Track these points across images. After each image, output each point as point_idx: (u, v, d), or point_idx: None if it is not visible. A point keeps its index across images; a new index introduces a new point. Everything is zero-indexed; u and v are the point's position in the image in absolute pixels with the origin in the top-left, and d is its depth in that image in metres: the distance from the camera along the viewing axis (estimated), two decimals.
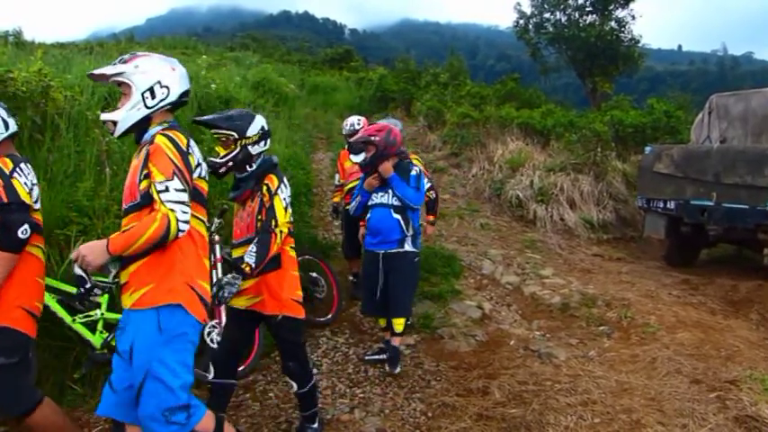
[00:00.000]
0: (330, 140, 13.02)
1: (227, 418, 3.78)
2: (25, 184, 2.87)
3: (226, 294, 3.04)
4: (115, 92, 6.92)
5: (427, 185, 5.19)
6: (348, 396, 4.13)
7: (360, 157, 5.55)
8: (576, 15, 22.15)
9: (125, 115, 2.49)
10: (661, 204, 7.44)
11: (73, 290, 4.00)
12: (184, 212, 2.34)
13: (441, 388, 4.22)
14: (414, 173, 4.45)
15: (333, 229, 7.75)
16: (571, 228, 9.31)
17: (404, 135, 4.90)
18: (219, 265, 4.59)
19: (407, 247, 4.40)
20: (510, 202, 9.97)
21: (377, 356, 4.65)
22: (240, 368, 4.39)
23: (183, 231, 2.34)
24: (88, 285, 2.37)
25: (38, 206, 3.05)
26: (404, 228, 4.38)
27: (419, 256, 4.64)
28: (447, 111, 13.97)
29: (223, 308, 4.44)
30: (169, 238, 2.30)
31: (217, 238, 4.68)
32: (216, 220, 4.77)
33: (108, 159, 5.40)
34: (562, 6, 22.21)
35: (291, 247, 3.45)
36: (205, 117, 3.42)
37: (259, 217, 3.26)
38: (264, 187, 3.27)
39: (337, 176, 6.48)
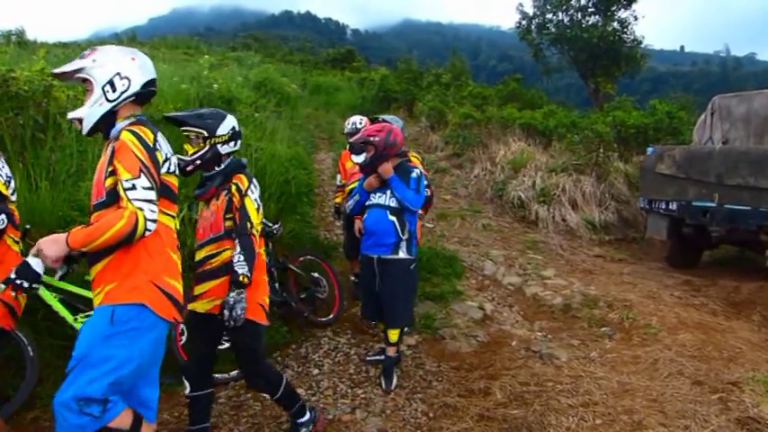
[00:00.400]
0: (332, 140, 13.02)
1: (229, 417, 3.79)
2: (1, 176, 2.88)
3: (239, 312, 2.96)
4: None
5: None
6: (349, 396, 4.13)
7: (361, 158, 5.52)
8: (579, 16, 22.10)
9: (88, 111, 2.44)
10: (663, 205, 7.42)
11: (78, 290, 4.01)
12: (152, 211, 2.31)
13: (442, 388, 4.22)
14: (414, 175, 4.33)
15: (334, 229, 7.74)
16: (573, 229, 9.30)
17: (405, 134, 4.81)
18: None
19: (402, 253, 4.26)
20: (512, 203, 9.96)
21: (378, 357, 4.58)
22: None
23: (150, 230, 2.30)
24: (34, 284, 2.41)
25: (14, 198, 3.05)
26: (399, 231, 4.24)
27: (415, 263, 4.46)
28: (449, 111, 13.97)
29: None
30: (135, 237, 2.26)
31: None
32: None
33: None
34: (564, 7, 22.15)
35: (264, 251, 3.34)
36: (175, 113, 3.36)
37: (228, 216, 3.17)
38: (234, 187, 3.19)
39: (339, 177, 6.42)
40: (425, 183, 4.98)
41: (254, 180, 3.30)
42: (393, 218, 4.25)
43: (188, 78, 8.49)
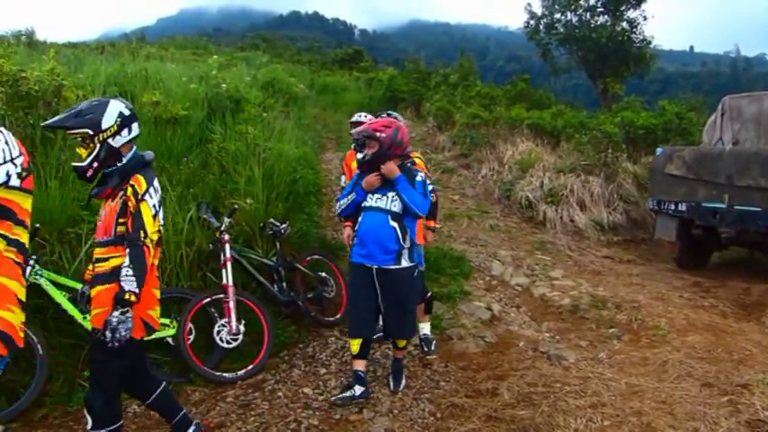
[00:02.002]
0: (339, 140, 13.02)
1: (237, 417, 3.80)
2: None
3: (123, 334, 2.66)
4: (128, 92, 6.98)
5: (430, 186, 4.63)
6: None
7: None
8: (588, 16, 22.07)
9: None
10: (672, 206, 7.38)
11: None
12: None
13: (449, 389, 4.21)
14: (419, 179, 3.97)
15: (341, 229, 7.73)
16: (581, 229, 9.26)
17: (412, 135, 4.64)
18: (230, 264, 4.60)
19: (404, 262, 3.90)
20: (520, 204, 9.93)
21: (345, 395, 3.91)
22: (248, 368, 4.42)
23: None
24: None
25: None
26: (400, 238, 3.88)
27: (417, 269, 4.16)
28: (457, 111, 13.95)
29: (233, 305, 4.46)
30: None
31: (226, 237, 4.70)
32: (226, 220, 4.79)
33: None
34: (573, 7, 22.12)
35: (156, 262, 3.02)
36: (52, 120, 2.97)
37: (121, 221, 2.86)
38: (130, 189, 2.86)
39: (343, 178, 6.20)
40: (432, 187, 4.75)
41: (156, 182, 2.96)
42: (394, 224, 3.89)
43: (196, 78, 8.51)
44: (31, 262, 3.82)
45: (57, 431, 3.64)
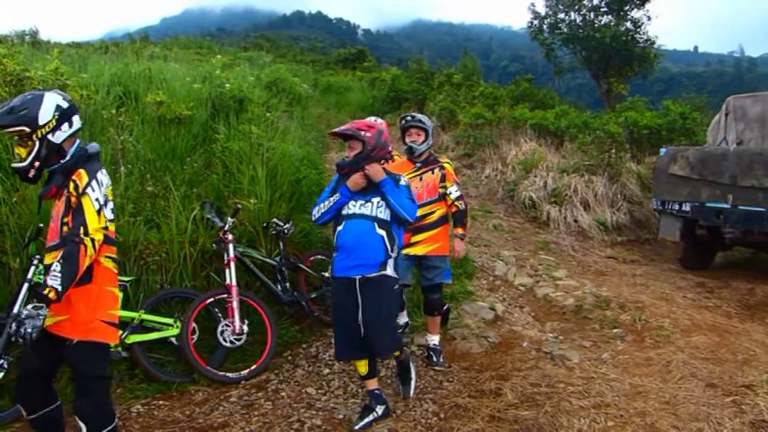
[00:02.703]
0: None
1: (240, 417, 3.80)
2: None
3: (29, 330, 2.49)
4: (131, 91, 6.99)
5: (456, 193, 4.71)
6: (360, 396, 4.13)
7: None
8: (591, 16, 21.95)
9: None
10: (676, 206, 7.37)
11: None
12: None
13: (453, 389, 4.21)
14: (404, 182, 3.72)
15: None
16: (585, 229, 9.24)
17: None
18: (233, 263, 4.61)
19: (389, 270, 3.64)
20: (523, 204, 9.91)
21: (368, 419, 3.71)
22: (252, 367, 4.42)
23: None
24: None
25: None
26: (388, 247, 3.62)
27: (398, 283, 3.85)
28: (460, 111, 13.92)
29: (236, 305, 4.47)
30: None
31: (230, 237, 4.70)
32: (229, 220, 4.79)
33: (123, 158, 5.45)
34: (577, 7, 22.02)
35: (110, 257, 2.85)
36: None
37: (65, 219, 2.68)
38: (71, 184, 2.68)
39: None
40: (459, 194, 4.72)
41: (101, 174, 2.77)
42: (382, 232, 3.61)
43: (200, 78, 8.53)
44: (35, 261, 3.82)
45: None
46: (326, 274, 5.63)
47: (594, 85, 23.81)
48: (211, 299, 4.56)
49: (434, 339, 4.77)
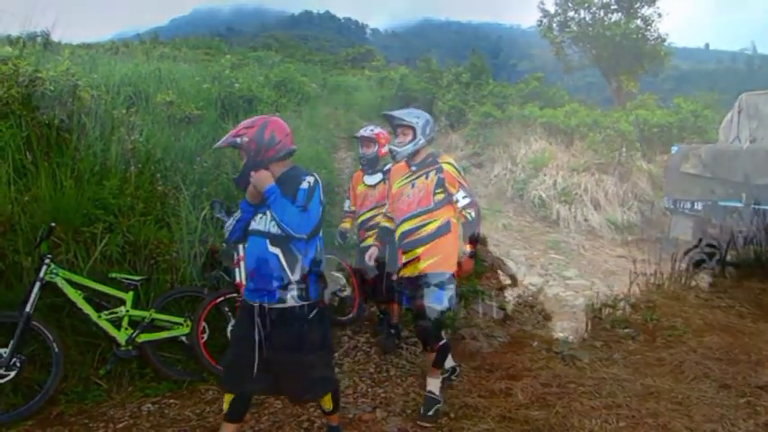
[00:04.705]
0: (352, 140, 13.03)
1: (250, 415, 3.80)
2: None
3: None
4: (141, 92, 7.01)
5: (465, 200, 3.89)
6: (370, 395, 4.12)
7: (375, 178, 5.05)
8: (601, 13, 21.85)
9: None
10: (688, 205, 7.32)
11: (102, 287, 4.07)
12: None
13: (463, 389, 4.19)
14: (304, 186, 2.91)
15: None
16: (595, 228, 9.20)
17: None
18: (242, 263, 4.61)
19: (291, 300, 2.88)
20: (533, 203, 9.89)
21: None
22: None
23: None
24: None
25: None
26: (285, 267, 2.88)
27: (319, 307, 2.98)
28: (469, 110, 13.90)
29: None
30: None
31: None
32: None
33: (133, 158, 5.47)
34: (586, 5, 21.92)
35: None
36: None
37: None
38: None
39: (347, 202, 5.45)
40: (469, 200, 3.89)
41: None
42: (275, 250, 2.89)
43: (209, 78, 8.56)
44: (47, 260, 3.85)
45: (71, 429, 3.66)
46: (336, 274, 5.63)
47: (605, 82, 23.70)
48: (221, 298, 4.57)
49: (429, 383, 3.86)
